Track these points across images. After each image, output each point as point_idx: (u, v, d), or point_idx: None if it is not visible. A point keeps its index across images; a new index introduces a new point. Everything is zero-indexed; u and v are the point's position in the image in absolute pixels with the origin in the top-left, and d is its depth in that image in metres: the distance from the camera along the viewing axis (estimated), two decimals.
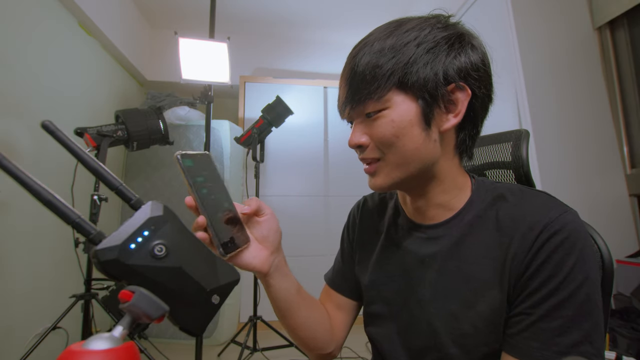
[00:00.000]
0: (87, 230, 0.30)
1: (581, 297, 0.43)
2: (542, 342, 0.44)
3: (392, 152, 0.50)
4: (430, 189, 0.54)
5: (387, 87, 0.48)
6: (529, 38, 1.67)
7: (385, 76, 0.47)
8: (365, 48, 0.50)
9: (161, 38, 3.11)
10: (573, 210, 0.48)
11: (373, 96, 0.48)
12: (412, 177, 0.52)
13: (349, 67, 0.51)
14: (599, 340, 0.43)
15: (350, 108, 0.52)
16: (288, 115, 2.30)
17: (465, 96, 0.49)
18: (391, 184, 0.52)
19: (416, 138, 0.49)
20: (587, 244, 0.45)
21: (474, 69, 0.49)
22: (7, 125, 1.57)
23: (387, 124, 0.49)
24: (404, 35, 0.48)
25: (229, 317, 2.50)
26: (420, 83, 0.47)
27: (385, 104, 0.49)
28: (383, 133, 0.49)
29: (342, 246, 0.73)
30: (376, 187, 0.54)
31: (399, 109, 0.48)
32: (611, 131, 1.75)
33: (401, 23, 0.51)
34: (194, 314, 0.33)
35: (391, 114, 0.49)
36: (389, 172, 0.52)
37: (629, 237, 1.64)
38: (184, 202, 0.45)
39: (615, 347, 1.25)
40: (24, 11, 1.69)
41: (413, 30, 0.49)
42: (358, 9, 2.91)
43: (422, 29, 0.49)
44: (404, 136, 0.49)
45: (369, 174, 0.54)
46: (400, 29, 0.49)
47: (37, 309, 1.73)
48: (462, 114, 0.49)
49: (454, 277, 0.52)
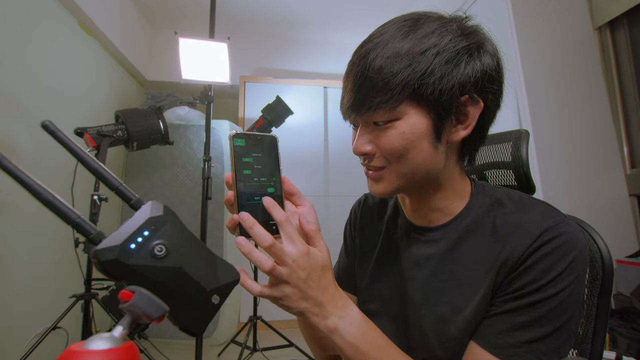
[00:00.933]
0: (87, 230, 0.30)
1: (554, 303, 0.43)
2: (500, 331, 0.45)
3: (399, 163, 0.49)
4: (431, 194, 0.54)
5: (400, 99, 0.45)
6: (529, 38, 1.67)
7: (399, 86, 0.44)
8: (377, 49, 0.46)
9: (161, 38, 3.11)
10: (573, 222, 0.47)
11: (384, 106, 0.45)
12: (414, 185, 0.51)
13: (359, 69, 0.47)
14: (555, 344, 0.44)
15: (357, 114, 0.49)
16: (288, 115, 2.30)
17: (478, 108, 0.48)
18: (393, 191, 0.52)
19: (425, 150, 0.47)
20: (580, 256, 0.44)
21: (490, 80, 0.47)
22: (7, 125, 1.57)
23: (397, 135, 0.47)
24: (422, 40, 0.45)
25: (229, 317, 2.50)
26: (435, 96, 0.45)
27: (397, 114, 0.46)
28: (393, 144, 0.47)
29: (345, 243, 0.73)
30: (377, 193, 0.53)
31: (410, 120, 0.46)
32: (611, 131, 1.75)
33: (417, 22, 0.47)
34: (194, 314, 0.33)
35: (402, 126, 0.46)
36: (393, 181, 0.51)
37: (629, 237, 1.64)
38: (184, 202, 0.45)
39: (615, 347, 1.25)
40: (24, 11, 1.69)
41: (432, 36, 0.45)
42: (358, 9, 2.91)
43: (441, 35, 0.45)
44: (413, 148, 0.47)
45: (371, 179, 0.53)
46: (418, 32, 0.46)
47: (37, 309, 1.73)
48: (472, 126, 0.48)
49: (447, 281, 0.52)
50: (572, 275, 0.44)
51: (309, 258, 0.44)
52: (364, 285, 0.64)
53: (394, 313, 0.58)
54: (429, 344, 0.52)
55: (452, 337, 0.49)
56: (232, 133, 0.44)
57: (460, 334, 0.49)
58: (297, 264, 0.43)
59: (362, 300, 0.65)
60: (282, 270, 0.43)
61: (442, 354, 0.50)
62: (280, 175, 0.49)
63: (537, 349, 0.43)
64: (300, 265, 0.43)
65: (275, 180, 0.48)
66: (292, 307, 0.44)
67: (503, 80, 0.51)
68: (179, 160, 2.61)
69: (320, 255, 0.46)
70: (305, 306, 0.44)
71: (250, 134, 0.46)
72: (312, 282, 0.44)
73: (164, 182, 2.58)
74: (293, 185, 0.51)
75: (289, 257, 0.43)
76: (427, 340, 0.52)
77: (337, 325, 0.45)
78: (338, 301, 0.47)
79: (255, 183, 0.46)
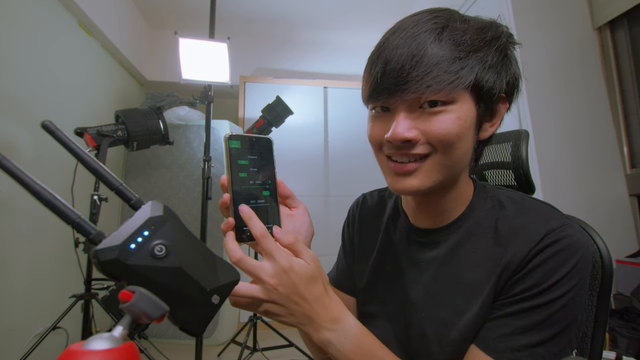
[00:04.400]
0: (87, 230, 0.30)
1: (556, 308, 0.43)
2: (501, 335, 0.44)
3: (446, 152, 0.45)
4: (446, 195, 0.52)
5: (464, 83, 0.42)
6: (529, 38, 1.67)
7: (468, 68, 0.42)
8: (451, 23, 0.44)
9: (161, 38, 3.11)
10: (575, 224, 0.46)
11: (452, 85, 0.42)
12: (447, 181, 0.48)
13: (422, 38, 0.43)
14: (556, 348, 0.43)
15: (407, 92, 0.43)
16: (288, 115, 2.30)
17: (504, 108, 0.49)
18: (429, 187, 0.47)
19: (469, 142, 0.47)
20: (583, 260, 0.44)
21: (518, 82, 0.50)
22: (7, 125, 1.57)
23: (452, 120, 0.44)
24: (483, 32, 0.45)
25: (229, 317, 2.50)
26: (488, 87, 0.45)
27: (454, 96, 0.43)
28: (448, 130, 0.43)
29: (344, 244, 0.72)
30: (412, 190, 0.47)
31: (463, 107, 0.45)
32: (611, 131, 1.75)
33: (464, 16, 0.47)
34: (194, 314, 0.33)
35: (457, 111, 0.44)
36: (431, 174, 0.46)
37: (629, 237, 1.64)
38: (184, 202, 0.45)
39: (615, 347, 1.25)
40: (24, 11, 1.69)
41: (490, 30, 0.45)
42: (358, 10, 2.91)
43: (497, 29, 0.46)
44: (464, 137, 0.45)
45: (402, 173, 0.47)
46: (474, 22, 0.46)
47: (37, 309, 1.73)
48: (498, 125, 0.49)
49: (448, 284, 0.52)
50: (575, 279, 0.43)
51: (290, 274, 0.41)
52: (362, 287, 0.64)
53: (394, 315, 0.57)
54: (429, 347, 0.51)
55: (453, 341, 0.49)
56: (228, 135, 0.44)
57: (461, 338, 0.48)
58: (273, 282, 0.40)
59: (361, 302, 0.64)
60: (254, 287, 0.40)
61: (443, 357, 0.50)
62: (276, 178, 0.48)
63: (538, 354, 0.43)
64: (278, 282, 0.41)
65: (270, 183, 0.48)
66: (281, 321, 0.43)
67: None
68: (179, 160, 2.61)
69: (305, 268, 0.42)
70: (293, 320, 0.43)
71: (246, 136, 0.46)
72: (296, 297, 0.41)
73: (164, 182, 2.58)
74: (288, 188, 0.50)
75: (264, 273, 0.40)
76: (427, 344, 0.51)
77: (329, 339, 0.43)
78: (330, 313, 0.44)
79: (251, 186, 0.45)
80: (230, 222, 0.43)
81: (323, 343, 0.44)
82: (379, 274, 0.61)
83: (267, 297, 0.41)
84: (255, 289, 0.41)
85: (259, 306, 0.42)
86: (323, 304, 0.44)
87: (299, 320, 0.43)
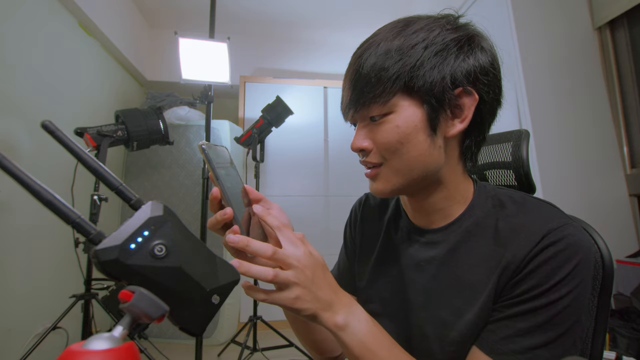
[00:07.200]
0: (87, 230, 0.30)
1: (558, 309, 0.42)
2: (503, 337, 0.44)
3: (395, 158, 0.48)
4: (433, 195, 0.53)
5: (392, 92, 0.46)
6: (529, 38, 1.67)
7: (391, 80, 0.45)
8: (370, 49, 0.48)
9: (161, 38, 3.11)
10: (577, 223, 0.46)
11: (378, 100, 0.46)
12: (414, 183, 0.50)
13: (354, 68, 0.49)
14: (559, 350, 0.42)
15: (354, 111, 0.50)
16: (288, 115, 2.30)
17: (472, 101, 0.47)
18: (392, 190, 0.51)
19: (421, 145, 0.47)
20: (585, 258, 0.43)
21: (483, 72, 0.47)
22: (7, 125, 1.57)
23: (391, 129, 0.47)
24: (412, 36, 0.46)
25: (229, 317, 2.50)
26: (426, 87, 0.45)
27: (390, 108, 0.47)
28: (387, 139, 0.47)
29: (345, 243, 0.72)
30: (377, 192, 0.52)
31: (404, 113, 0.47)
32: (611, 131, 1.75)
33: (409, 23, 0.48)
34: (194, 314, 0.33)
35: (396, 119, 0.47)
36: (390, 178, 0.50)
37: (629, 237, 1.64)
38: (184, 202, 0.45)
39: (615, 347, 1.25)
40: (24, 11, 1.69)
41: (421, 32, 0.46)
42: (358, 10, 2.91)
43: (430, 30, 0.46)
44: (408, 142, 0.47)
45: (369, 178, 0.53)
46: (408, 29, 0.47)
47: (37, 309, 1.73)
48: (469, 120, 0.48)
49: (448, 284, 0.51)
50: (576, 280, 0.43)
51: (313, 256, 0.45)
52: (363, 286, 0.64)
53: (394, 314, 0.57)
54: (430, 347, 0.51)
55: (453, 341, 0.49)
56: (202, 143, 0.45)
57: (461, 338, 0.48)
58: (302, 264, 0.43)
59: (362, 301, 0.64)
60: (289, 273, 0.42)
61: (444, 357, 0.50)
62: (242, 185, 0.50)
63: (540, 356, 0.42)
64: (306, 265, 0.43)
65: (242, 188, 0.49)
66: (304, 308, 0.43)
67: (500, 75, 0.50)
68: (179, 160, 2.61)
69: (318, 255, 0.46)
70: (318, 306, 0.44)
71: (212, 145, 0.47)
72: (318, 280, 0.44)
73: (164, 182, 2.58)
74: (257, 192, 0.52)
75: (293, 258, 0.43)
76: (428, 344, 0.52)
77: (347, 322, 0.45)
78: (344, 298, 0.47)
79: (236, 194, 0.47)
80: (228, 212, 0.44)
81: (340, 327, 0.45)
82: (379, 273, 0.62)
83: (296, 279, 0.42)
84: (290, 274, 0.42)
85: (290, 290, 0.43)
86: (338, 289, 0.47)
87: (322, 306, 0.44)
